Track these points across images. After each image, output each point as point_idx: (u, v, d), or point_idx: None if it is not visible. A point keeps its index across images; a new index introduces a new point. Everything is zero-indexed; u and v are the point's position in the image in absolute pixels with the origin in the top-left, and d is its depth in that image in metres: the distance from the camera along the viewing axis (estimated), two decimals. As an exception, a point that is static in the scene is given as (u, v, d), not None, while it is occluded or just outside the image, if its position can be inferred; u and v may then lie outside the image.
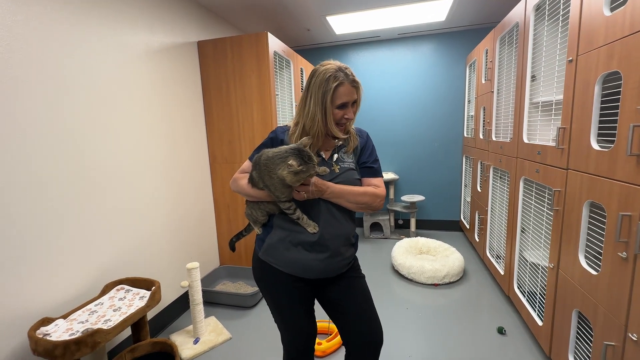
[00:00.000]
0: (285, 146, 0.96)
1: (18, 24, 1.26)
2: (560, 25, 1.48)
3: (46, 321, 1.28)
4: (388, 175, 3.57)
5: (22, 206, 1.27)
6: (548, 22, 1.61)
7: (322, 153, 1.08)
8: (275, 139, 1.10)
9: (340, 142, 1.09)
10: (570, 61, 1.32)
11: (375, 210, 1.07)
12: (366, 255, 3.11)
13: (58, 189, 1.41)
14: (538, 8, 1.68)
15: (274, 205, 1.05)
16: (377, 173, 1.10)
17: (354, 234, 1.12)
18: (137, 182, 1.83)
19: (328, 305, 1.14)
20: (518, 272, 1.96)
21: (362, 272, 1.18)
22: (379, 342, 1.09)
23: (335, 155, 1.07)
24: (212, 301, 2.28)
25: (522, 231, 1.91)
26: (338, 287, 1.09)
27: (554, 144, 1.47)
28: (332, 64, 1.01)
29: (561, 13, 1.45)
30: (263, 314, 2.14)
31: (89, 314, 1.37)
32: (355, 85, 1.02)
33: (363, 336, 1.07)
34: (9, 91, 1.23)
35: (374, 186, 1.07)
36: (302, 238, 1.02)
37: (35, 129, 1.32)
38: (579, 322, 1.34)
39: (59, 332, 1.24)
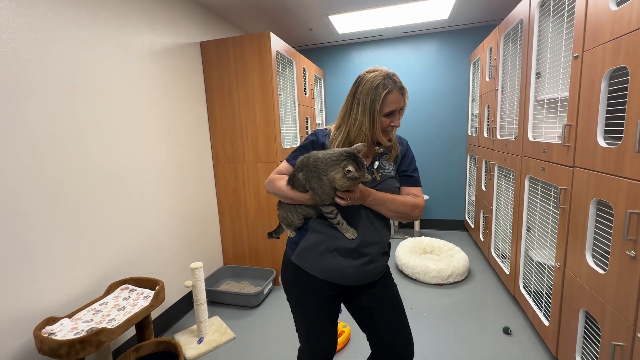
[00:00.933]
0: (337, 149, 0.94)
1: (23, 25, 1.28)
2: (565, 21, 1.46)
3: (51, 320, 1.29)
4: (391, 175, 3.56)
5: (27, 207, 1.28)
6: (553, 18, 1.59)
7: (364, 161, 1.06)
8: (316, 142, 1.08)
9: (382, 149, 1.07)
10: (576, 57, 1.30)
11: (413, 220, 1.04)
12: (370, 255, 3.09)
13: (63, 189, 1.42)
14: (543, 4, 1.66)
15: (312, 208, 1.02)
16: (417, 182, 1.09)
17: (389, 242, 1.11)
18: (140, 182, 1.84)
19: (358, 313, 1.11)
20: (524, 271, 1.94)
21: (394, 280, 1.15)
22: (412, 354, 1.06)
23: (377, 163, 1.05)
24: (216, 301, 2.28)
25: (527, 230, 1.89)
26: (370, 295, 1.07)
27: (559, 142, 1.45)
28: (379, 70, 0.99)
29: (566, 9, 1.43)
30: (267, 314, 2.14)
31: (94, 314, 1.38)
32: (402, 92, 1.01)
33: (394, 349, 1.05)
34: (14, 92, 1.24)
35: (413, 195, 1.05)
36: (338, 244, 1.00)
37: (41, 130, 1.33)
38: (586, 322, 1.32)
39: (64, 331, 1.25)
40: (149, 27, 1.90)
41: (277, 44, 2.34)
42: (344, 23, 2.99)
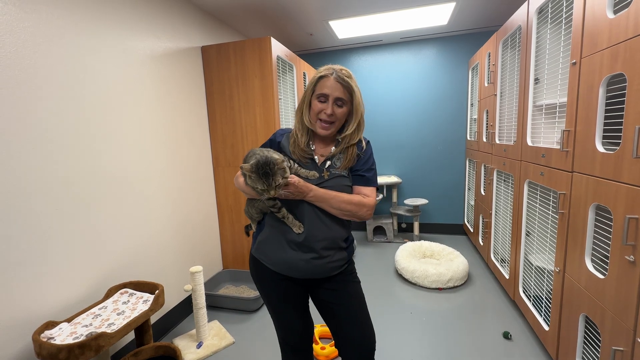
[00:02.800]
0: (267, 150, 0.98)
1: (26, 30, 1.28)
2: (563, 27, 1.48)
3: (50, 325, 1.28)
4: (391, 179, 3.57)
5: (27, 210, 1.28)
6: (551, 25, 1.61)
7: (316, 157, 1.08)
8: (274, 141, 1.12)
9: (337, 150, 1.08)
10: (574, 64, 1.32)
11: (362, 220, 1.05)
12: (369, 259, 3.09)
13: (63, 192, 1.42)
14: (541, 11, 1.69)
15: (265, 203, 1.06)
16: (369, 182, 1.08)
17: (347, 238, 1.11)
18: (140, 186, 1.84)
19: (320, 308, 1.15)
20: (523, 276, 1.94)
21: (359, 276, 1.17)
22: (372, 347, 1.09)
23: (328, 162, 1.07)
24: (215, 305, 2.27)
25: (527, 234, 1.90)
26: (330, 290, 1.09)
27: (558, 147, 1.46)
28: (336, 65, 1.04)
29: (564, 16, 1.45)
30: (265, 318, 2.13)
31: (93, 318, 1.37)
32: (341, 82, 1.01)
33: (354, 341, 1.07)
34: (17, 96, 1.25)
35: (362, 195, 1.06)
36: (288, 237, 1.03)
37: (42, 134, 1.33)
38: (586, 327, 1.32)
39: (63, 335, 1.24)
40: (151, 31, 1.92)
41: (277, 48, 2.35)
42: (344, 28, 3.02)
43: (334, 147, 1.10)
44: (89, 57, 1.54)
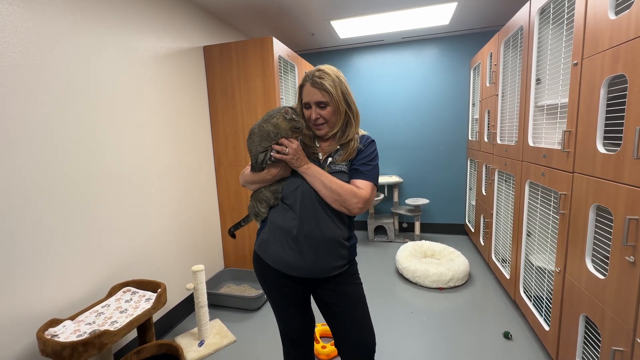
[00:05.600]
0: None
1: (30, 30, 1.30)
2: (565, 28, 1.48)
3: (54, 322, 1.29)
4: (392, 179, 3.57)
5: (31, 208, 1.29)
6: (553, 26, 1.61)
7: (319, 154, 1.10)
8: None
9: (337, 147, 1.09)
10: (576, 64, 1.32)
11: (351, 213, 1.03)
12: (370, 259, 3.10)
13: (67, 191, 1.43)
14: (542, 11, 1.69)
15: (269, 192, 1.09)
16: (365, 176, 1.06)
17: (348, 238, 1.10)
18: (143, 185, 1.85)
19: (321, 307, 1.15)
20: (524, 276, 1.95)
21: (361, 278, 1.17)
22: (371, 350, 1.09)
23: (330, 159, 1.09)
24: (217, 304, 2.29)
25: (527, 235, 1.90)
26: (331, 291, 1.10)
27: (559, 147, 1.47)
28: (314, 69, 1.07)
29: (566, 16, 1.45)
30: (267, 317, 2.14)
31: (96, 316, 1.39)
32: (316, 86, 1.02)
33: (354, 344, 1.08)
34: (20, 95, 1.26)
35: (357, 187, 1.04)
36: (284, 226, 1.05)
37: (45, 133, 1.34)
38: (586, 327, 1.32)
39: (67, 333, 1.26)
40: (153, 32, 1.93)
41: (279, 48, 2.36)
42: (346, 28, 3.02)
43: (334, 143, 1.11)
44: (93, 57, 1.55)
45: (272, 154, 1.02)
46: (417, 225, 3.50)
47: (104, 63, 1.61)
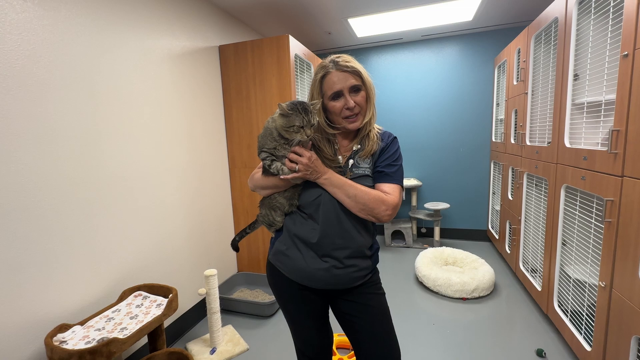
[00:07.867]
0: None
1: (45, 28, 1.27)
2: (610, 17, 1.34)
3: (64, 327, 1.26)
4: (410, 182, 3.44)
5: (43, 210, 1.26)
6: (595, 16, 1.47)
7: (339, 157, 1.00)
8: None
9: (358, 147, 1.00)
10: (626, 56, 1.18)
11: (380, 221, 0.94)
12: (387, 265, 2.98)
13: (79, 192, 1.40)
14: (581, 2, 1.55)
15: (284, 197, 0.99)
16: (391, 179, 0.96)
17: (371, 246, 1.02)
18: (156, 187, 1.81)
19: (341, 320, 1.06)
20: (558, 288, 1.79)
21: (383, 287, 1.08)
22: None
23: (351, 161, 0.99)
24: (229, 309, 2.23)
25: (563, 244, 1.75)
26: (352, 302, 1.01)
27: (604, 148, 1.33)
28: (328, 57, 0.97)
29: (612, 4, 1.31)
30: (281, 324, 2.06)
31: (106, 321, 1.34)
32: (347, 69, 0.93)
33: (377, 359, 0.98)
34: (34, 94, 1.23)
35: (383, 192, 0.94)
36: (303, 236, 0.96)
37: (59, 133, 1.31)
38: (638, 351, 1.18)
39: (76, 339, 1.21)
40: (169, 31, 1.90)
41: (295, 47, 2.29)
42: (363, 26, 2.93)
43: (353, 144, 1.02)
44: (107, 56, 1.52)
45: (281, 176, 0.91)
46: (437, 230, 3.35)
47: (119, 62, 1.58)
